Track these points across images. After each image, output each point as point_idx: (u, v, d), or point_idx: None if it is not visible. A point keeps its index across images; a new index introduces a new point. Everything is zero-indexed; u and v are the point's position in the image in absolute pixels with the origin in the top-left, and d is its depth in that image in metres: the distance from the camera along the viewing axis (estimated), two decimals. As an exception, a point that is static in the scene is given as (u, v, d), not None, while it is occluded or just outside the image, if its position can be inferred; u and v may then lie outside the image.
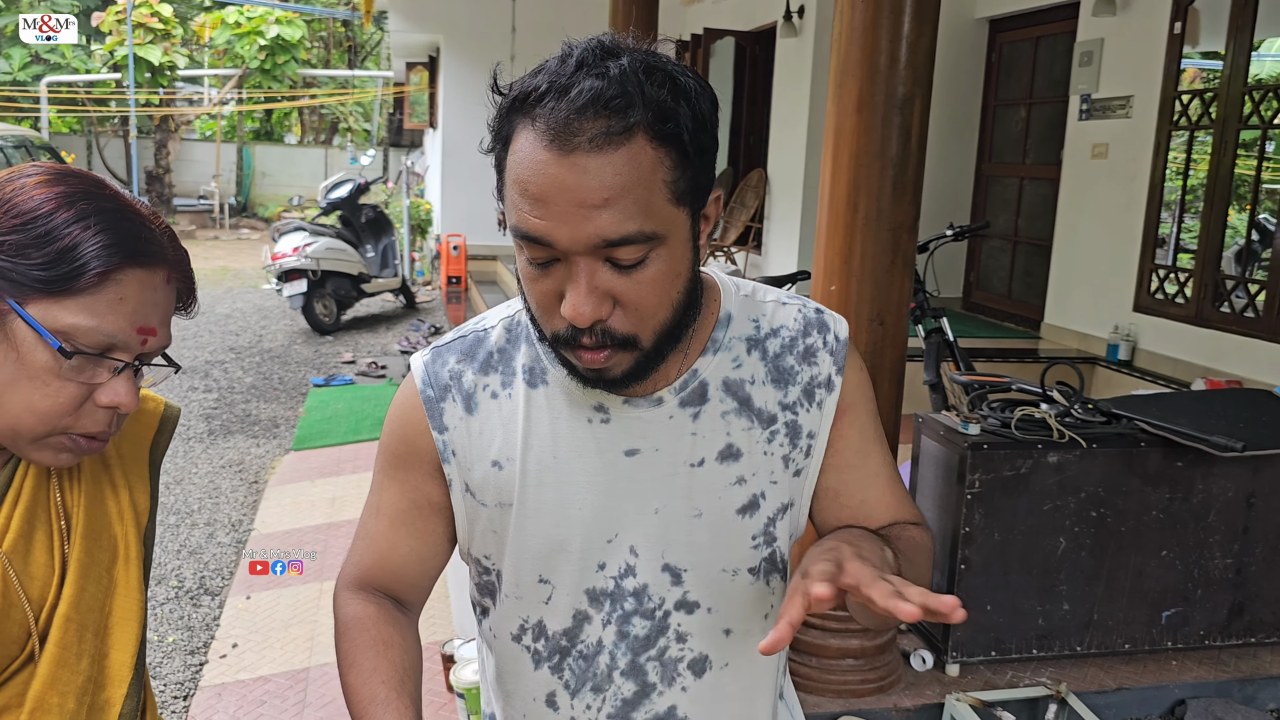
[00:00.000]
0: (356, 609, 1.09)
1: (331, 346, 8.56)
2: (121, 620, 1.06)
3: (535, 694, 1.09)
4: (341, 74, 23.53)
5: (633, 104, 0.85)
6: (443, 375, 1.06)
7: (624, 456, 1.02)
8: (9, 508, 1.00)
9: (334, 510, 4.57)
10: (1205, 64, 6.81)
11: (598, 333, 0.90)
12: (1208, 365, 5.51)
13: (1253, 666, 3.08)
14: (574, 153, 0.84)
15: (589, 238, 0.85)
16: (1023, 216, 7.52)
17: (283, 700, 2.98)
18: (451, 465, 1.05)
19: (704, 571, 1.04)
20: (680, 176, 0.88)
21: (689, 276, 0.94)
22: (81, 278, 0.91)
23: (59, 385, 0.93)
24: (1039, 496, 2.88)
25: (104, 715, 1.03)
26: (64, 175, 0.96)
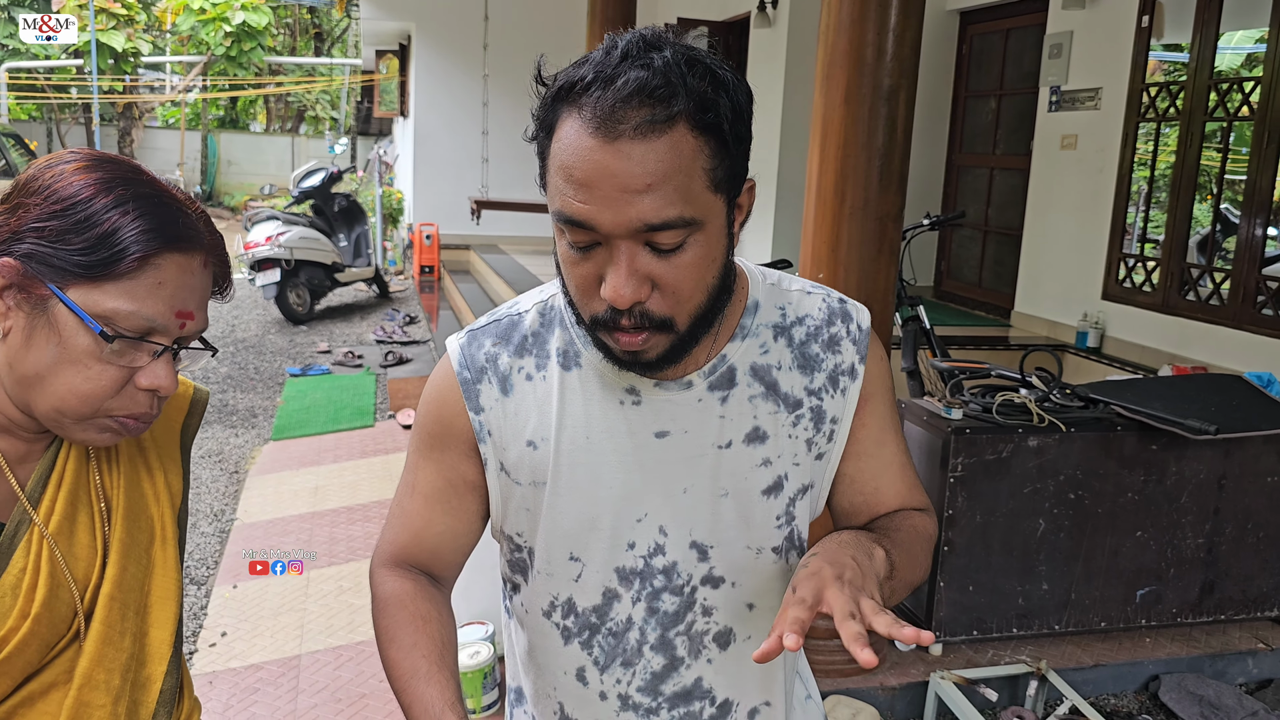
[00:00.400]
0: (394, 585, 1.12)
1: (306, 336, 8.51)
2: (160, 599, 1.09)
3: (565, 668, 1.13)
4: (308, 61, 23.29)
5: (676, 94, 0.88)
6: (479, 358, 1.09)
7: (654, 438, 1.06)
8: (53, 490, 1.02)
9: (317, 500, 4.58)
10: (1169, 56, 6.93)
11: (636, 314, 0.93)
12: (1174, 352, 5.64)
13: (1222, 643, 3.18)
14: (619, 139, 0.87)
15: (631, 222, 0.89)
16: (993, 206, 7.62)
17: (276, 687, 3.00)
18: (487, 445, 1.08)
19: (729, 549, 1.08)
20: (719, 165, 0.92)
21: (723, 262, 0.98)
22: (121, 263, 0.93)
23: (100, 368, 0.95)
24: (1019, 479, 2.96)
25: (145, 692, 1.06)
26: (101, 161, 0.98)
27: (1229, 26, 5.68)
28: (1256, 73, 5.28)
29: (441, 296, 10.40)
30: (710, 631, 1.10)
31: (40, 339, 0.94)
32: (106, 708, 1.01)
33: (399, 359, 7.46)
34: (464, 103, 11.37)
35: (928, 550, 1.12)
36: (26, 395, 0.96)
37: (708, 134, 0.90)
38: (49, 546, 0.99)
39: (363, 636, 3.28)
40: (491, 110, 11.23)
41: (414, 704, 1.01)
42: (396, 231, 13.25)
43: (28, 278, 0.93)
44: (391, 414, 6.00)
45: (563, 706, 1.15)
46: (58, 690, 1.00)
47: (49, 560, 0.99)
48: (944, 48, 7.71)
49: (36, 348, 0.94)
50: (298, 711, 2.88)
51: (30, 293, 0.93)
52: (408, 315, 9.28)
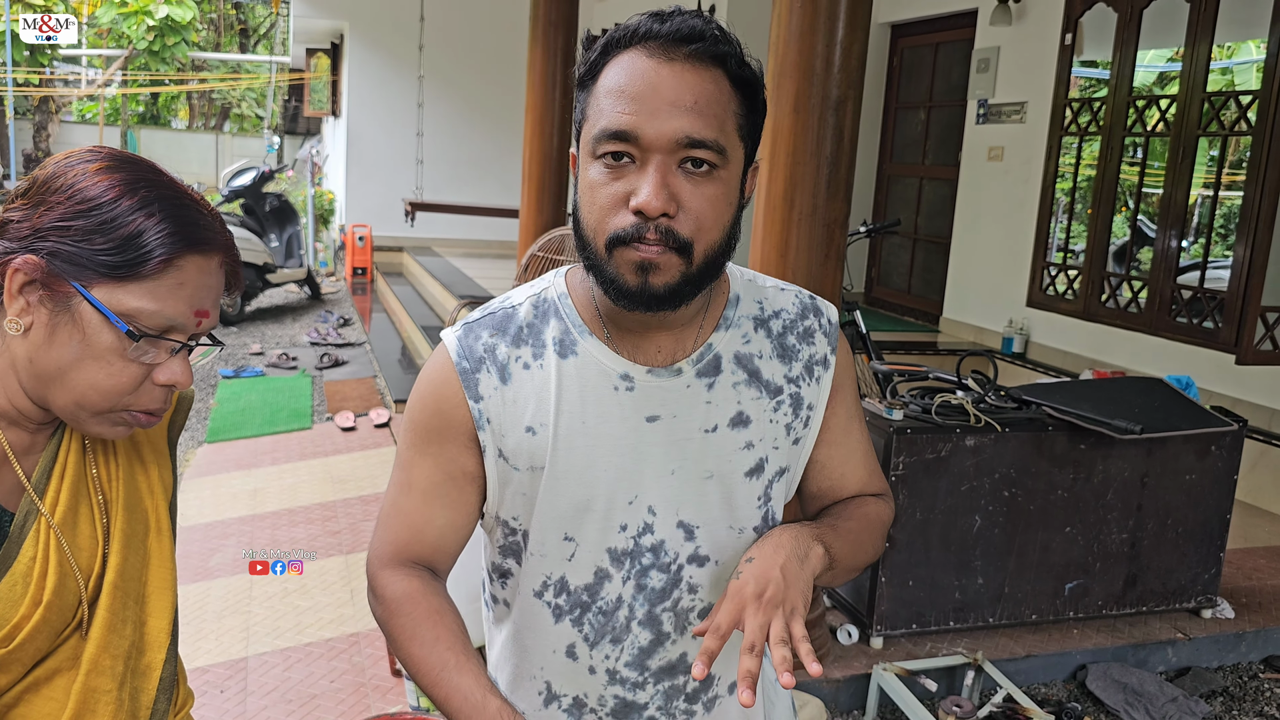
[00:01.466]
0: (402, 585, 1.15)
1: (237, 338, 8.37)
2: (157, 589, 1.11)
3: (555, 646, 1.17)
4: (233, 58, 22.82)
5: (725, 40, 1.01)
6: (477, 349, 1.13)
7: (646, 422, 1.11)
8: (57, 482, 1.04)
9: (256, 502, 4.52)
10: (1091, 73, 7.21)
11: (662, 230, 1.00)
12: (1094, 357, 5.88)
13: (1145, 633, 3.34)
14: (674, 62, 0.99)
15: (674, 131, 0.98)
16: (922, 215, 7.83)
17: (223, 690, 2.97)
18: (486, 432, 1.12)
19: (714, 529, 1.15)
20: (746, 116, 1.04)
21: (734, 214, 1.06)
22: (146, 264, 0.96)
23: (122, 365, 0.97)
24: (957, 478, 3.07)
25: (146, 679, 1.09)
26: (122, 161, 1.00)
27: (1146, 45, 5.95)
28: (1171, 90, 5.54)
29: (375, 298, 10.30)
30: (695, 609, 1.16)
31: (63, 335, 0.96)
32: (113, 693, 1.04)
33: (334, 361, 7.38)
34: (398, 103, 11.28)
35: (879, 534, 1.21)
36: (45, 389, 0.98)
37: (741, 88, 1.03)
38: (55, 536, 1.01)
39: (311, 638, 3.26)
40: (427, 111, 11.16)
41: (452, 695, 1.05)
42: (328, 232, 13.07)
43: (52, 275, 0.95)
44: (329, 416, 5.94)
45: (550, 685, 1.19)
46: (62, 676, 1.03)
47: (56, 549, 1.01)
48: (876, 60, 7.90)
49: (59, 344, 0.96)
50: (247, 713, 2.86)
51: (54, 290, 0.95)
52: (341, 317, 9.18)
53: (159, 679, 1.09)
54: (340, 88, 12.75)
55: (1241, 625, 3.44)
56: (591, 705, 1.18)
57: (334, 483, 4.81)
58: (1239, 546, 4.11)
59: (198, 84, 22.02)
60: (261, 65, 22.05)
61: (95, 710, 1.03)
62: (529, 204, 5.78)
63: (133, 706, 1.06)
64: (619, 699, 1.17)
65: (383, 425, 5.77)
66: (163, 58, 19.00)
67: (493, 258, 10.61)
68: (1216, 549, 3.41)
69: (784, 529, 1.08)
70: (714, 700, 1.20)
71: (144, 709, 1.08)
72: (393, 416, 5.89)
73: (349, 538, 4.11)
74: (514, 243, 9.38)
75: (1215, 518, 3.39)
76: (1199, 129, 5.24)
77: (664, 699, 1.18)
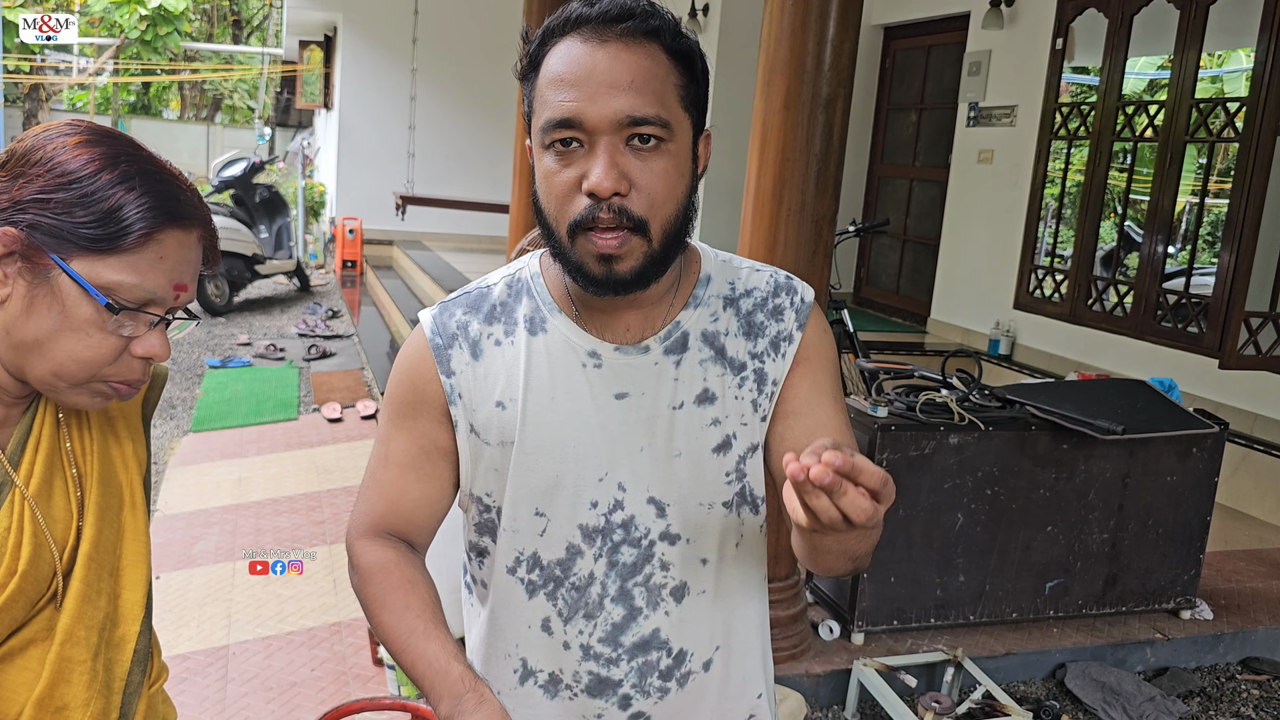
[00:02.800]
0: (376, 554, 1.17)
1: (225, 328, 8.34)
2: (131, 563, 1.12)
3: (530, 622, 1.19)
4: (226, 49, 22.73)
5: (655, 15, 1.03)
6: (450, 325, 1.16)
7: (614, 399, 1.13)
8: (31, 454, 1.05)
9: (241, 491, 4.51)
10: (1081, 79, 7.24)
11: (616, 209, 1.01)
12: (1080, 360, 5.91)
13: (1124, 633, 3.37)
14: (607, 43, 1.01)
15: (616, 112, 0.99)
16: (912, 216, 7.87)
17: (204, 676, 2.97)
18: (458, 407, 1.15)
19: (684, 505, 1.16)
20: (687, 86, 1.05)
21: (688, 187, 1.07)
22: (127, 238, 0.96)
23: (101, 337, 0.98)
24: (940, 475, 3.09)
25: (120, 651, 1.10)
26: (102, 136, 1.00)
27: (1136, 52, 5.98)
28: (1160, 96, 5.58)
29: (364, 291, 10.28)
30: (667, 585, 1.17)
31: (41, 307, 0.96)
32: (87, 663, 1.05)
33: (322, 353, 7.36)
34: (391, 97, 11.26)
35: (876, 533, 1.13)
36: (22, 360, 0.99)
37: (678, 59, 1.04)
38: (30, 507, 1.02)
39: (292, 627, 3.26)
40: (419, 105, 11.14)
41: (418, 661, 1.07)
42: (318, 225, 13.04)
43: (30, 248, 0.95)
44: (316, 407, 5.93)
45: (525, 661, 1.20)
46: (37, 647, 1.03)
47: (31, 520, 1.02)
48: (868, 61, 7.93)
49: (37, 315, 0.97)
50: (226, 700, 2.85)
51: (33, 262, 0.96)
52: (330, 309, 9.16)
53: (133, 650, 1.10)
54: (333, 80, 12.74)
55: (1220, 627, 3.47)
56: (567, 681, 1.19)
57: (319, 473, 4.80)
58: (1219, 549, 4.14)
59: (189, 74, 21.94)
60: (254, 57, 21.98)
61: (70, 680, 1.03)
62: (519, 198, 5.77)
63: (107, 677, 1.07)
64: (593, 675, 1.18)
65: (369, 417, 5.76)
66: (155, 47, 18.86)
67: (482, 252, 10.60)
68: (1196, 550, 3.44)
69: None
70: (687, 677, 1.21)
71: (118, 680, 1.09)
72: (379, 408, 5.88)
73: (333, 528, 4.10)
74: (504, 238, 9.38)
75: (1196, 519, 3.41)
76: (1187, 136, 5.28)
77: (638, 675, 1.19)
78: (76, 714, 1.04)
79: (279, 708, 2.82)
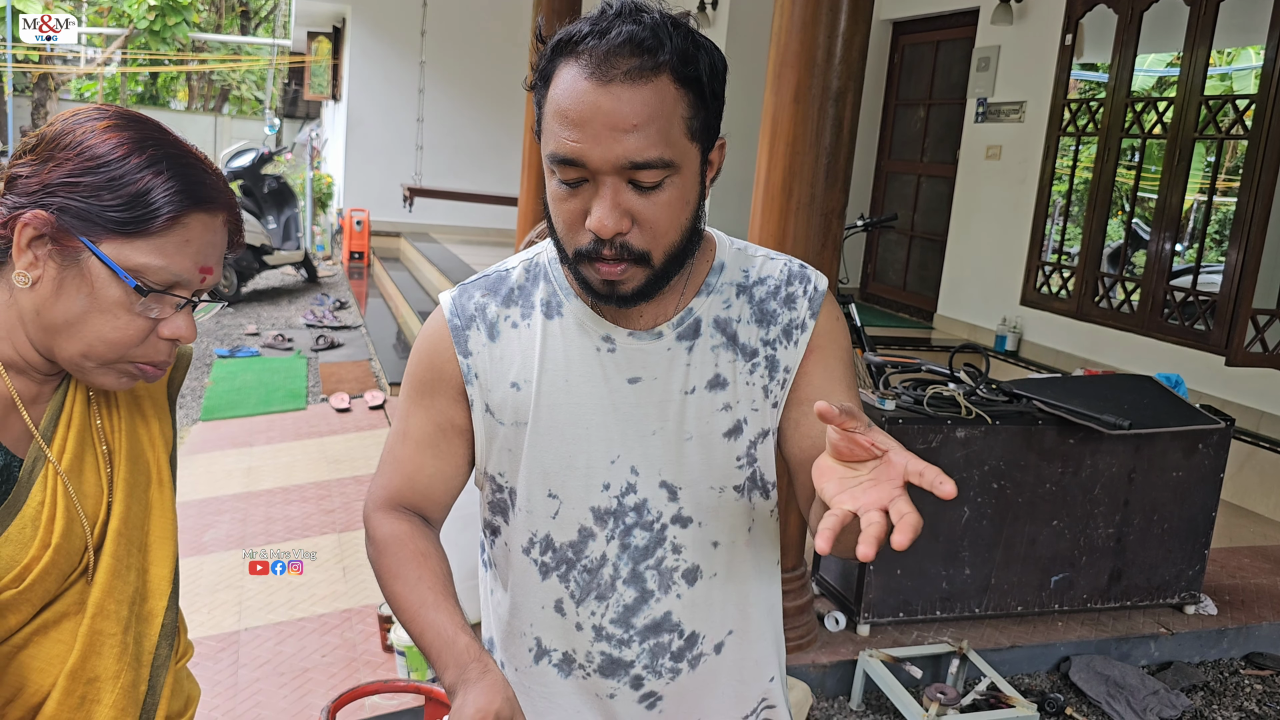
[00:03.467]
0: (391, 526, 1.20)
1: (233, 318, 8.38)
2: (159, 539, 1.15)
3: (544, 602, 1.21)
4: (234, 40, 22.75)
5: (662, 46, 0.99)
6: (468, 307, 1.19)
7: (627, 383, 1.15)
8: (63, 430, 1.07)
9: (251, 480, 4.54)
10: (1090, 75, 7.24)
11: (617, 246, 1.03)
12: (1086, 356, 5.92)
13: (1128, 627, 3.38)
14: (611, 83, 0.98)
15: (617, 158, 0.99)
16: (919, 212, 7.87)
17: (215, 661, 3.00)
18: (474, 386, 1.17)
19: (695, 489, 1.18)
20: (695, 115, 1.03)
21: (695, 207, 1.08)
22: (154, 221, 0.98)
23: (129, 319, 1.00)
24: (947, 469, 3.07)
25: (149, 625, 1.12)
26: (130, 120, 1.02)
27: (1146, 49, 5.98)
28: (1169, 93, 5.57)
29: (371, 283, 10.31)
30: (679, 568, 1.19)
31: (71, 289, 0.99)
32: (117, 636, 1.07)
33: (330, 343, 7.40)
34: (399, 88, 11.28)
35: None
36: (52, 341, 1.01)
37: (688, 87, 1.02)
38: (62, 482, 1.05)
39: (303, 613, 3.29)
40: (428, 97, 11.16)
41: (426, 630, 1.09)
42: (325, 216, 13.07)
43: (60, 230, 0.97)
44: (324, 397, 5.96)
45: (540, 640, 1.23)
46: (69, 620, 1.06)
47: (64, 495, 1.04)
48: (876, 56, 7.93)
49: (67, 297, 0.99)
50: (239, 684, 2.88)
51: (62, 245, 0.98)
52: (338, 300, 9.19)
53: (161, 625, 1.13)
54: (341, 72, 12.74)
55: (1224, 622, 3.49)
56: (580, 661, 1.22)
57: (329, 462, 4.83)
58: (1224, 546, 4.16)
59: (197, 65, 21.96)
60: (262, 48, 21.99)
61: (101, 652, 1.06)
62: (529, 191, 5.80)
63: (136, 650, 1.10)
64: (605, 655, 1.20)
65: (377, 407, 5.79)
66: (163, 38, 18.92)
67: (490, 245, 10.62)
68: (1201, 546, 3.45)
69: None
70: (699, 659, 1.23)
71: (147, 653, 1.11)
72: (388, 399, 5.92)
73: (343, 516, 4.13)
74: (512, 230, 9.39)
75: (1201, 515, 3.43)
76: (1195, 133, 5.28)
77: (650, 657, 1.21)
78: (107, 685, 1.06)
79: (290, 693, 2.85)
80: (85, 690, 1.06)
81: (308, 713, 2.77)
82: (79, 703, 1.05)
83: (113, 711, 1.07)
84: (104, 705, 1.06)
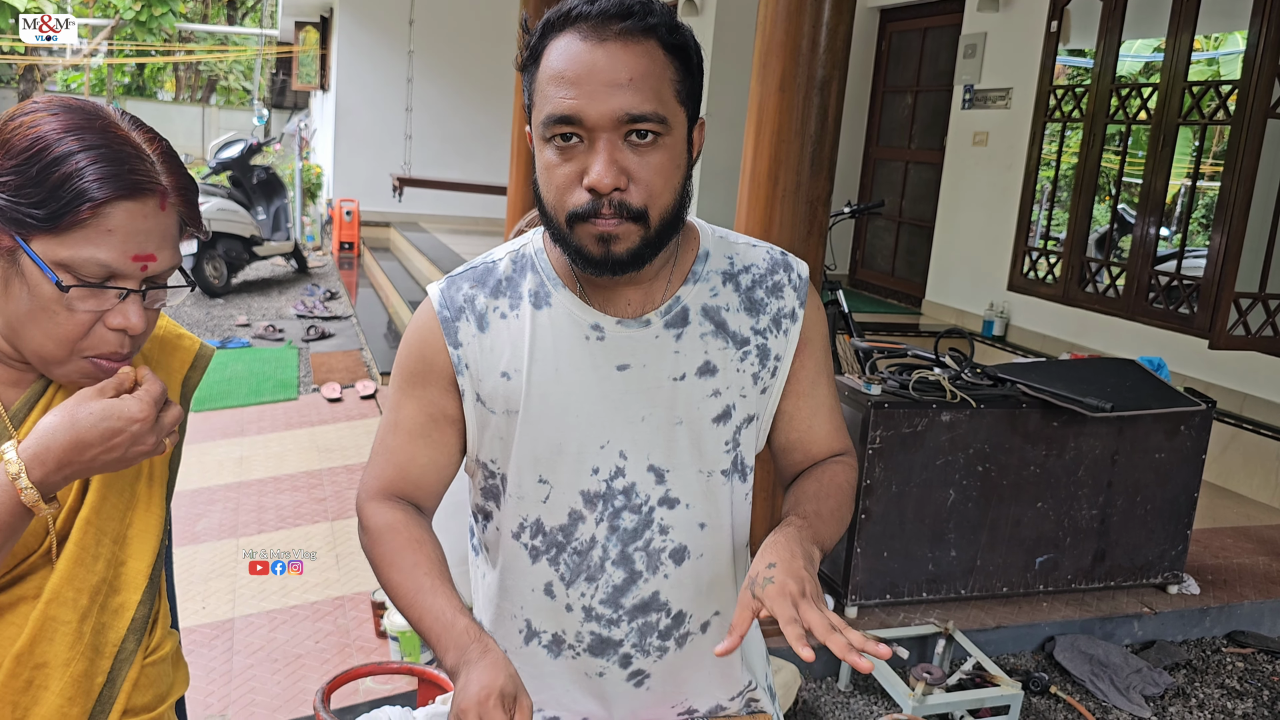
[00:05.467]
0: (385, 515, 1.22)
1: (223, 309, 8.38)
2: (140, 533, 1.14)
3: (534, 585, 1.24)
4: (221, 30, 22.66)
5: (651, 12, 1.06)
6: (457, 299, 1.21)
7: (616, 371, 1.18)
8: (39, 414, 1.07)
9: (242, 470, 4.57)
10: (1075, 61, 7.27)
11: (615, 203, 1.06)
12: (1073, 341, 5.97)
13: (1112, 607, 3.43)
14: (605, 42, 1.04)
15: (615, 110, 1.03)
16: (907, 198, 7.90)
17: (210, 649, 3.03)
18: (465, 377, 1.20)
19: (683, 472, 1.21)
20: (683, 80, 1.09)
21: (684, 175, 1.12)
22: (72, 214, 0.96)
23: (66, 315, 0.99)
24: (932, 452, 3.15)
25: (116, 617, 1.12)
26: (59, 110, 1.00)
27: (1131, 35, 6.01)
28: (1154, 79, 5.61)
29: (361, 273, 10.31)
30: (667, 549, 1.23)
31: (15, 288, 0.99)
32: (72, 624, 1.07)
33: (321, 334, 7.41)
34: (388, 78, 11.26)
35: (851, 500, 1.27)
36: (14, 339, 1.03)
37: (675, 53, 1.08)
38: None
39: (296, 601, 3.32)
40: (416, 87, 11.14)
41: (425, 614, 1.12)
42: (315, 207, 13.05)
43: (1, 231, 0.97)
44: (315, 387, 5.98)
45: (530, 623, 1.26)
46: (26, 604, 1.06)
47: None
48: (864, 43, 7.95)
49: (13, 297, 1.00)
50: (233, 671, 2.91)
51: (3, 245, 0.98)
52: (328, 290, 9.19)
53: (131, 619, 1.13)
54: (329, 62, 12.71)
55: (1206, 601, 3.54)
56: (569, 641, 1.25)
57: (320, 451, 4.85)
58: (1207, 526, 4.21)
59: (184, 55, 21.85)
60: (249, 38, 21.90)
61: (53, 639, 1.06)
62: (517, 180, 5.81)
63: (96, 641, 1.09)
64: (595, 635, 1.24)
65: (369, 397, 5.81)
66: (149, 28, 18.83)
67: (480, 234, 10.63)
68: (1184, 526, 3.50)
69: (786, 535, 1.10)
70: (685, 637, 1.27)
71: (109, 645, 1.11)
72: (379, 388, 5.93)
73: (334, 505, 4.16)
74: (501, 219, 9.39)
75: (1183, 496, 3.47)
76: (1180, 119, 5.32)
77: (638, 636, 1.24)
78: (56, 672, 1.06)
79: (284, 679, 2.88)
80: (32, 675, 1.06)
81: (301, 698, 2.80)
82: (25, 686, 1.06)
83: (59, 700, 1.07)
84: (51, 692, 1.06)
